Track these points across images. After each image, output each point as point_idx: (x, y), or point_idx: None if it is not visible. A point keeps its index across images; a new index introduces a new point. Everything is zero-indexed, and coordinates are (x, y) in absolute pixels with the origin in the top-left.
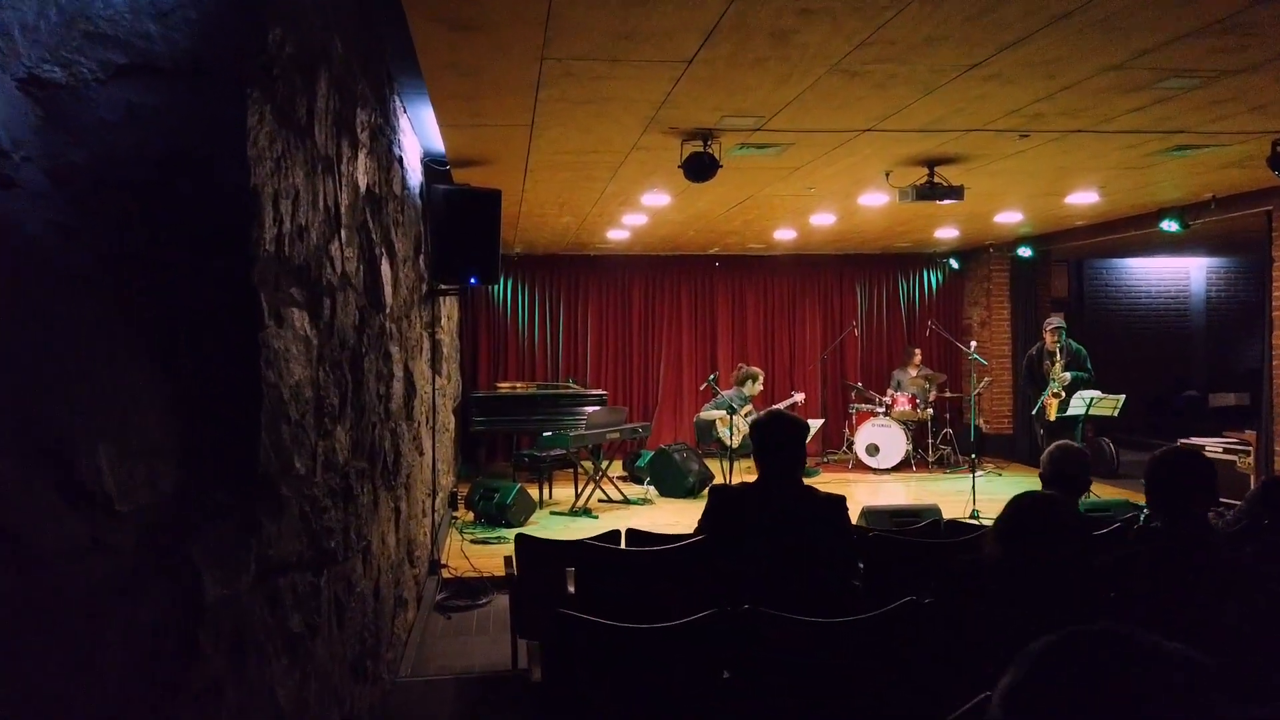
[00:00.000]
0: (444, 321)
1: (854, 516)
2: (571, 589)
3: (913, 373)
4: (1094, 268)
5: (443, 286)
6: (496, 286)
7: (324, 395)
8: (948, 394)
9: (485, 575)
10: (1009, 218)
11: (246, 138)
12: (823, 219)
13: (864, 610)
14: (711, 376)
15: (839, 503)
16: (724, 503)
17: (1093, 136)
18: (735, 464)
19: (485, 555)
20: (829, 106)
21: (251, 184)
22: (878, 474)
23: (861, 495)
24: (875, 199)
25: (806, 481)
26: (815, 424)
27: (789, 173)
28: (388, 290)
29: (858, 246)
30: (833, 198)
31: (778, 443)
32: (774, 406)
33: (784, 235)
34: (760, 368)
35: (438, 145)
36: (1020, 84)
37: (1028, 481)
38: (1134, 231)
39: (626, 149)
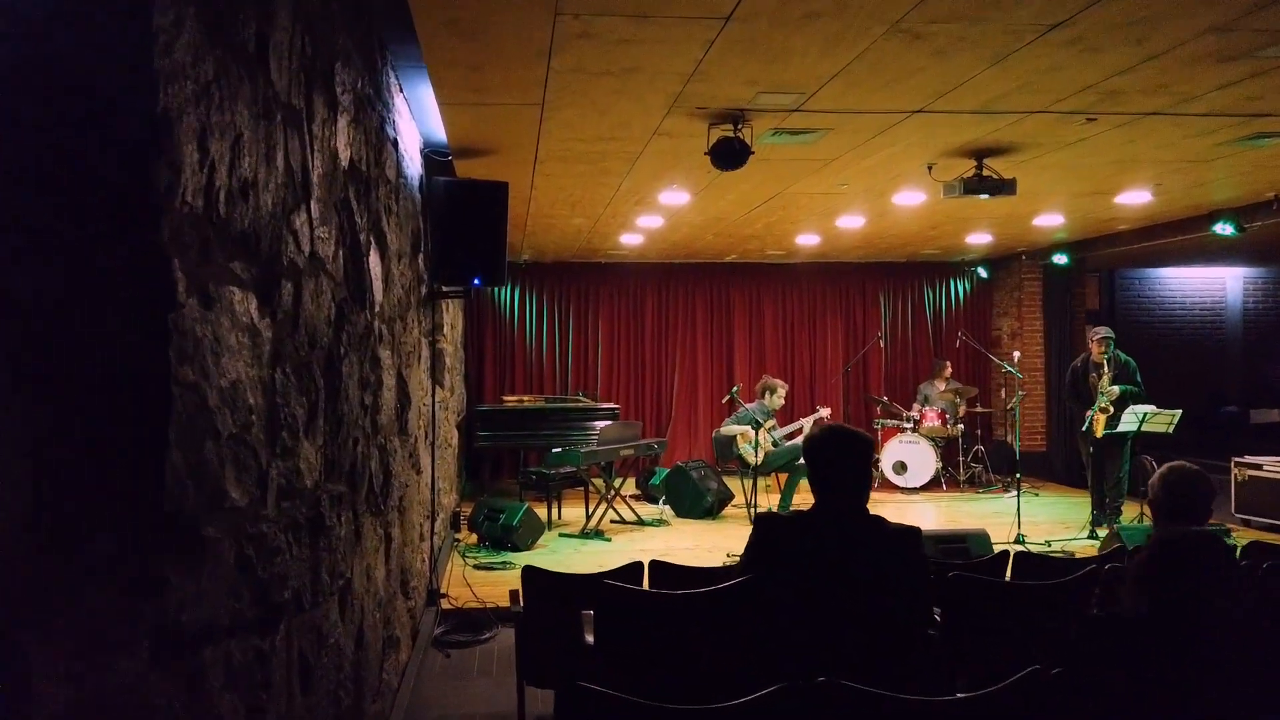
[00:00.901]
0: (446, 330)
1: None
2: (590, 638)
3: (941, 386)
4: (1126, 278)
5: (444, 289)
6: (503, 294)
7: (282, 403)
8: (979, 409)
9: (489, 606)
10: (1049, 221)
11: (154, 42)
12: (851, 221)
13: (943, 665)
14: (734, 389)
15: (913, 536)
16: (774, 535)
17: (1167, 121)
18: (757, 482)
19: (489, 583)
20: (880, 80)
21: (160, 106)
22: (906, 494)
23: (890, 517)
24: (910, 198)
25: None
26: None
27: (821, 166)
28: (377, 286)
29: (882, 254)
30: (865, 196)
31: (840, 462)
32: (800, 420)
33: (807, 241)
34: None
35: (438, 134)
36: (1103, 51)
37: (1067, 502)
38: (1180, 236)
39: (647, 135)
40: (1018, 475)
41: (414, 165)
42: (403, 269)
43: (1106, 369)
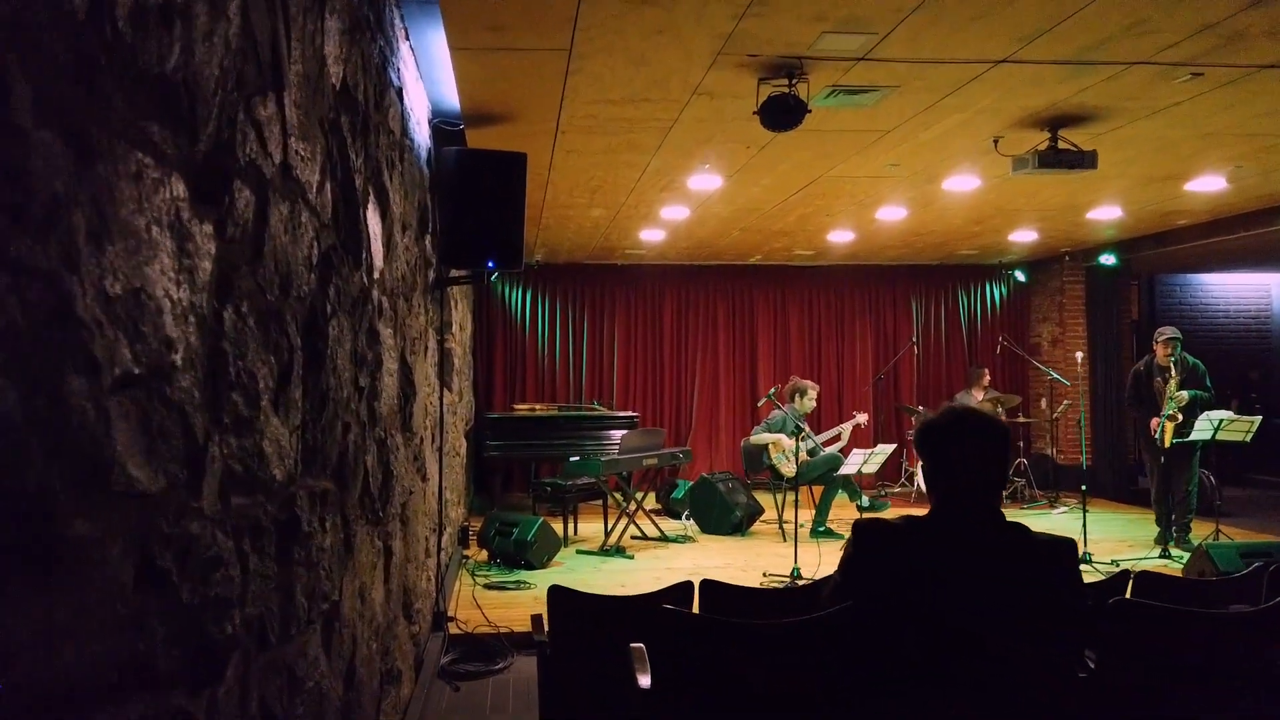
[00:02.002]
0: (455, 330)
1: None
2: (645, 680)
3: (979, 395)
4: (1167, 285)
5: (454, 274)
6: (514, 298)
7: (234, 355)
8: (1020, 419)
9: (502, 630)
10: (1104, 215)
11: None
12: (892, 213)
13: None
14: (771, 391)
15: (1067, 550)
16: (881, 547)
17: None
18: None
19: (502, 604)
20: (966, 14)
21: None
22: None
23: None
24: (962, 183)
25: (884, 516)
26: (887, 449)
27: (875, 140)
28: (376, 247)
29: (916, 254)
30: (913, 181)
31: (971, 450)
32: (839, 426)
33: (840, 238)
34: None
35: (449, 100)
36: None
37: (1122, 519)
38: (1244, 232)
39: (686, 94)
40: (1083, 489)
41: (421, 133)
42: (408, 243)
43: (1174, 372)
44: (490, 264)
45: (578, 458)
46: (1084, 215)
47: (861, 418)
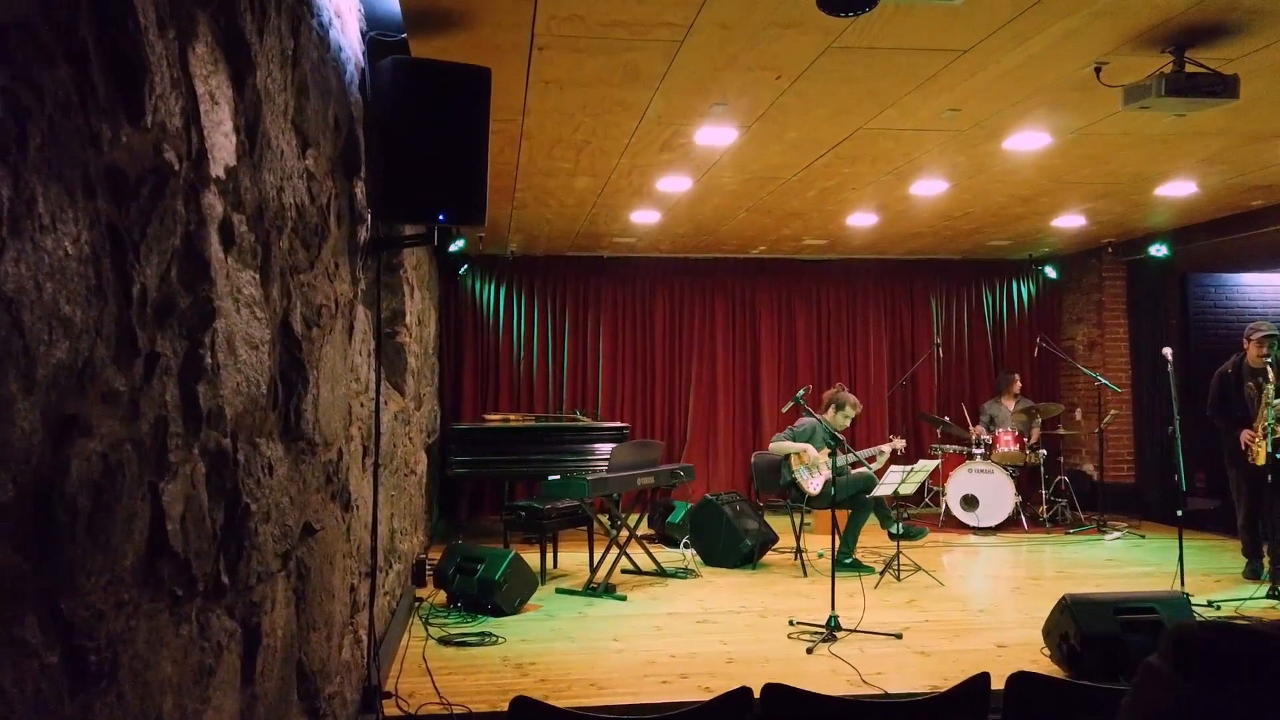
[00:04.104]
0: (410, 321)
1: (1042, 600)
2: None
3: (1010, 405)
4: (1201, 285)
5: (403, 235)
6: (486, 295)
7: None
8: (1061, 430)
9: (457, 711)
10: (1177, 190)
11: None
12: (929, 186)
13: None
14: (800, 393)
15: None
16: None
17: None
18: (806, 519)
19: (460, 668)
20: None
21: None
22: (978, 534)
23: (969, 566)
24: (1030, 139)
25: (913, 544)
26: (928, 465)
27: (945, 64)
28: (220, 134)
29: (937, 248)
30: (969, 137)
31: None
32: (876, 447)
33: (860, 221)
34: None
35: (389, 2)
36: None
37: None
38: None
39: None
40: (1180, 513)
41: (348, 40)
42: (313, 167)
43: (1271, 376)
44: (441, 217)
45: (558, 476)
46: (1152, 191)
47: (899, 443)
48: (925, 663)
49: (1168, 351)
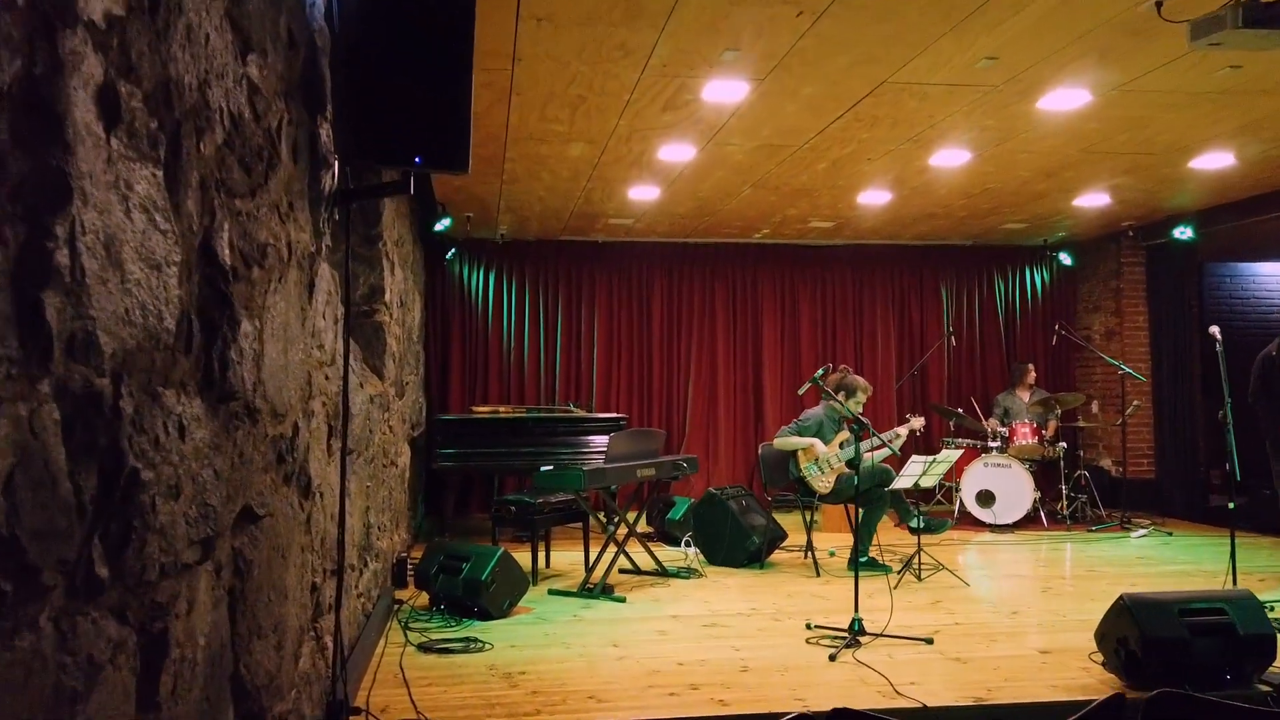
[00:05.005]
0: (391, 300)
1: (1077, 602)
2: None
3: (1026, 396)
4: (1217, 274)
5: (380, 183)
6: (475, 281)
7: None
8: (1080, 423)
9: None
10: (1213, 162)
11: None
12: (951, 157)
13: None
14: (818, 373)
15: None
16: None
17: None
18: (817, 515)
19: (441, 678)
20: None
21: None
22: (995, 532)
23: (988, 564)
24: (1069, 97)
25: (934, 538)
26: (952, 455)
27: (983, 2)
28: None
29: (949, 232)
30: (1004, 95)
31: None
32: (893, 430)
33: (871, 199)
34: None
35: None
36: None
37: (1209, 545)
38: None
39: None
40: (1233, 506)
41: None
42: (256, 75)
43: None
44: (419, 160)
45: (551, 468)
46: (1185, 164)
47: (917, 423)
48: (962, 671)
49: (1215, 330)
